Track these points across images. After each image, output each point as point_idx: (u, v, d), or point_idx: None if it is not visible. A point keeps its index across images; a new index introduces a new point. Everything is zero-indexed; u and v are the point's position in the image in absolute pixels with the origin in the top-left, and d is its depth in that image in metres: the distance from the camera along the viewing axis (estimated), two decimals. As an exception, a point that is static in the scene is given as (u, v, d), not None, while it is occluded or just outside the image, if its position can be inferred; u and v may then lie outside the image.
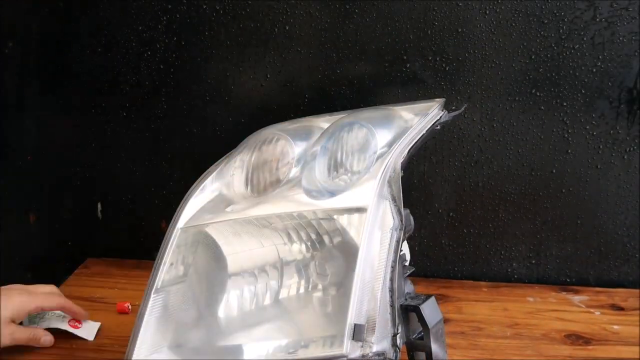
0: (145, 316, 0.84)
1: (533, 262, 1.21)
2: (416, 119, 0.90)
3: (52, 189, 1.29)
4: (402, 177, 0.86)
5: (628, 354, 1.02)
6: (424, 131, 0.89)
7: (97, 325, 1.06)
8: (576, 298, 1.16)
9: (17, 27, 1.21)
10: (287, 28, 1.14)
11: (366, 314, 0.77)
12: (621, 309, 1.13)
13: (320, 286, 0.86)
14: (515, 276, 1.22)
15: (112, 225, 1.31)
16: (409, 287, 0.87)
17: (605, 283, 1.19)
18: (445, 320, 1.08)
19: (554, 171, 1.16)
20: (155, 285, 0.85)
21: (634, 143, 1.13)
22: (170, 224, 0.88)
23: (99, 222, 1.31)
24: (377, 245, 0.81)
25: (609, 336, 1.06)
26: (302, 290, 0.87)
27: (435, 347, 0.83)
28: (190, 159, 1.24)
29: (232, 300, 0.88)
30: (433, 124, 0.90)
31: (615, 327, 1.08)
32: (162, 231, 1.26)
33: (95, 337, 1.04)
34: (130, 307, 1.13)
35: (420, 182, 1.19)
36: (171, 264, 0.86)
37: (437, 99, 0.95)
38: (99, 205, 1.30)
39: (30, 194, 1.29)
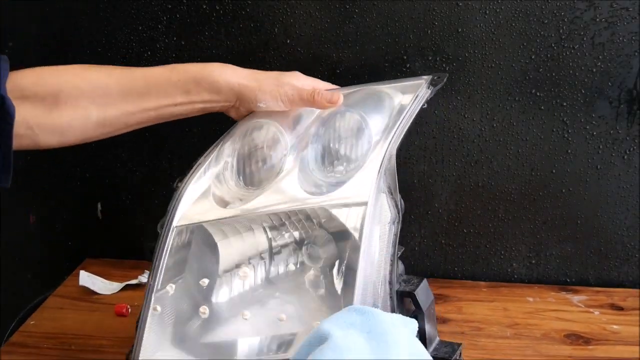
0: (149, 318, 0.84)
1: (533, 262, 1.21)
2: (406, 99, 0.89)
3: (52, 189, 1.29)
4: (401, 175, 0.86)
5: (628, 354, 1.02)
6: (415, 113, 0.89)
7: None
8: (576, 298, 1.16)
9: (17, 27, 1.21)
10: (287, 28, 1.14)
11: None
12: (620, 308, 1.13)
13: (312, 270, 0.86)
14: (515, 276, 1.22)
15: (112, 226, 1.31)
16: (400, 268, 0.89)
17: (605, 283, 1.19)
18: (445, 320, 1.10)
19: (554, 171, 1.16)
20: (155, 287, 0.85)
21: (634, 143, 1.12)
22: (165, 224, 0.88)
23: (99, 222, 1.31)
24: (377, 241, 0.83)
25: (609, 336, 1.06)
26: (294, 270, 0.87)
27: (428, 328, 0.87)
28: (190, 159, 1.23)
29: (226, 288, 0.88)
30: (422, 104, 0.90)
31: (615, 326, 1.08)
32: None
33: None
34: (129, 309, 1.13)
35: (420, 182, 1.19)
36: (167, 265, 0.87)
37: (424, 76, 0.94)
38: (99, 205, 1.30)
39: (30, 194, 1.29)
